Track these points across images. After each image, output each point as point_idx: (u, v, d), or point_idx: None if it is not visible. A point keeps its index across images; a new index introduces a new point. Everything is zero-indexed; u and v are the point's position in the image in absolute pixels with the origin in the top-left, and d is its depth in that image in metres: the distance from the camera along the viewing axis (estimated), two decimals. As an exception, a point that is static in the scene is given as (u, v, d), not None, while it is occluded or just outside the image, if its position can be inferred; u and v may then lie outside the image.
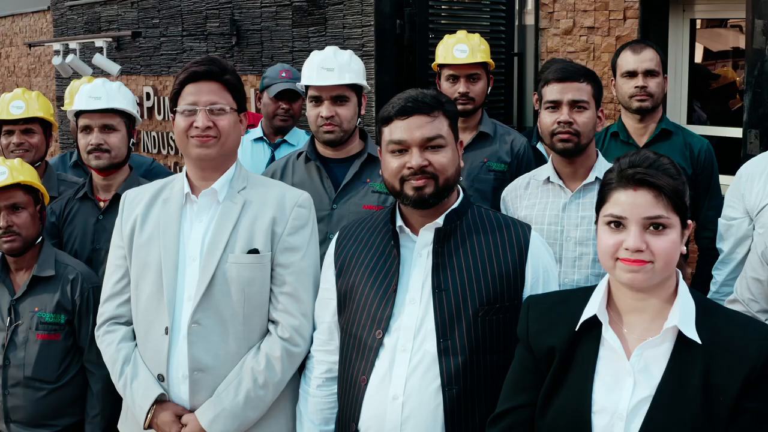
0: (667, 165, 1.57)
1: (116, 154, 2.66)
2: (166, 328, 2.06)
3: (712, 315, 1.59)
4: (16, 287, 2.47)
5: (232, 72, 2.22)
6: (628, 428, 1.53)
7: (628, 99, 2.97)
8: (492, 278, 1.93)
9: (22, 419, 2.44)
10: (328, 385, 2.07)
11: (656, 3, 4.20)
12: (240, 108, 2.21)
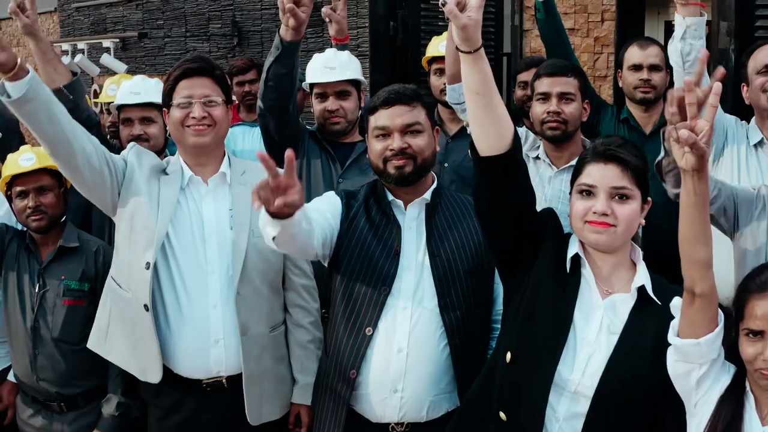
0: (632, 147, 1.86)
1: (155, 143, 3.01)
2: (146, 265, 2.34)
3: (662, 286, 1.88)
4: (43, 257, 2.74)
5: (219, 68, 2.53)
6: (592, 353, 1.82)
7: (633, 90, 3.20)
8: (472, 245, 2.25)
9: (50, 378, 2.69)
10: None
11: (632, 6, 4.50)
12: (228, 100, 2.50)
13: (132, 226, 2.40)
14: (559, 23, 3.31)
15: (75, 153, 2.27)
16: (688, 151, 1.55)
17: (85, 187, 2.38)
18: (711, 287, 1.65)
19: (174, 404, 2.51)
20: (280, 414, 2.55)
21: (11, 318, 2.73)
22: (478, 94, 1.80)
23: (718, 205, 2.19)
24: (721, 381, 1.72)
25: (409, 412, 2.21)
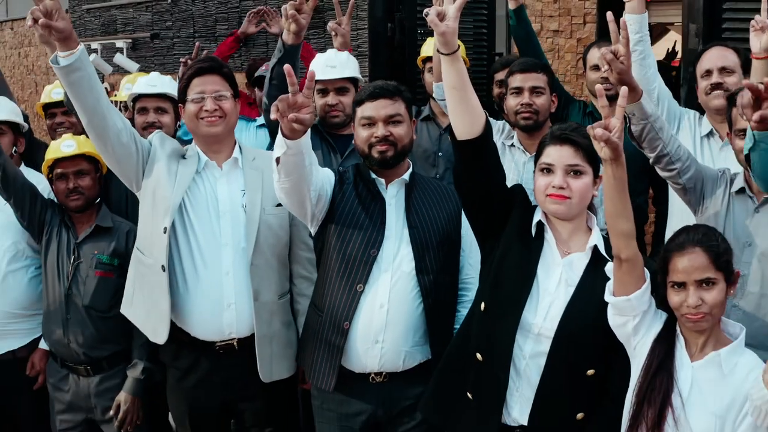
0: (584, 131, 2.20)
1: (166, 131, 3.32)
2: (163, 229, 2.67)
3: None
4: (79, 233, 3.08)
5: (227, 67, 2.89)
6: (552, 302, 2.17)
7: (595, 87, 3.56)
8: (443, 220, 2.62)
9: (79, 341, 3.02)
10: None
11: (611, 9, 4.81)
12: (235, 94, 2.83)
13: (154, 199, 2.73)
14: (529, 28, 3.67)
15: (108, 126, 2.61)
16: (604, 145, 1.91)
17: (114, 159, 2.71)
18: (634, 253, 1.99)
19: (190, 366, 2.84)
20: (288, 374, 2.87)
21: (48, 285, 3.07)
22: (455, 89, 2.15)
23: (689, 176, 2.50)
24: (654, 327, 2.06)
25: (387, 362, 2.56)
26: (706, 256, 1.95)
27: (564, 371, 2.15)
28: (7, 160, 3.04)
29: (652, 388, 1.99)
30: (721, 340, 2.01)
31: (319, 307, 2.67)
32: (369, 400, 2.64)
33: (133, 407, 3.04)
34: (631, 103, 2.32)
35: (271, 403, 2.90)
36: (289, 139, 2.30)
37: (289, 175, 2.42)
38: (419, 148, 3.78)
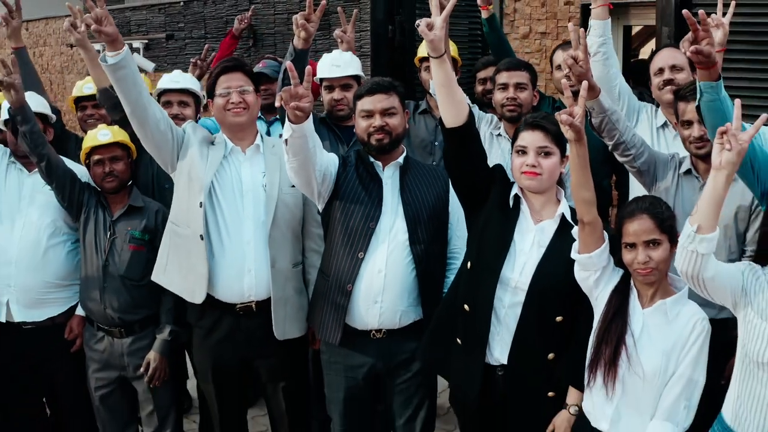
0: (553, 119, 2.58)
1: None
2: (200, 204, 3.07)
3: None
4: (114, 212, 3.46)
5: (248, 65, 3.31)
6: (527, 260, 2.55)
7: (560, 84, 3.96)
8: (432, 198, 3.01)
9: (114, 307, 3.39)
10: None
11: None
12: (256, 89, 3.23)
13: (189, 178, 3.13)
14: (500, 34, 4.10)
15: (148, 116, 3.01)
16: (569, 129, 2.29)
17: (153, 145, 3.12)
18: (595, 217, 2.37)
19: (213, 325, 3.23)
20: (300, 333, 3.26)
21: (87, 258, 3.45)
22: (442, 86, 2.55)
23: (643, 161, 2.90)
24: (612, 281, 2.44)
25: (386, 320, 2.95)
26: (652, 221, 2.33)
27: (537, 318, 2.54)
28: (51, 151, 3.42)
29: (609, 330, 2.38)
30: (667, 292, 2.39)
31: (326, 273, 3.05)
32: (370, 353, 3.03)
33: (161, 365, 3.42)
34: (590, 100, 2.71)
35: (284, 360, 3.29)
36: (294, 123, 2.71)
37: (296, 155, 2.82)
38: (417, 138, 4.17)
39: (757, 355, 2.15)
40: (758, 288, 2.18)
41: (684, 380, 2.33)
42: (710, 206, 2.12)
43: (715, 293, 2.22)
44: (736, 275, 2.21)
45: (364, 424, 3.22)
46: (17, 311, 3.51)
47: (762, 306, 2.16)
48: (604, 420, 2.42)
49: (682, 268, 2.18)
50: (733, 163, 2.12)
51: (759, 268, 2.22)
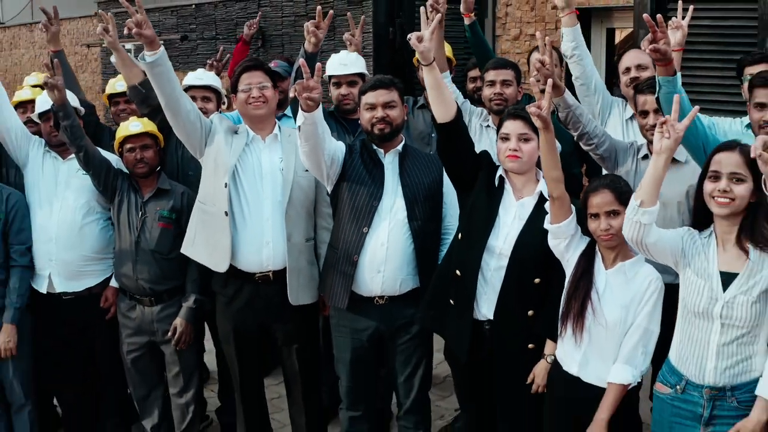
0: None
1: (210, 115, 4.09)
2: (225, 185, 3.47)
3: None
4: (144, 194, 3.88)
5: (267, 64, 3.72)
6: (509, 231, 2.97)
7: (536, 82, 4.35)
8: (428, 182, 3.42)
9: (145, 278, 3.81)
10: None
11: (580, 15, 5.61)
12: (274, 85, 3.64)
13: (215, 163, 3.54)
14: (482, 39, 4.51)
15: (180, 108, 3.44)
16: (536, 118, 2.71)
17: (184, 133, 3.54)
18: (563, 193, 2.78)
19: (235, 293, 3.65)
20: (311, 300, 3.67)
21: (121, 235, 3.86)
22: (432, 88, 2.98)
23: (604, 149, 3.31)
24: (580, 247, 2.85)
25: (387, 287, 3.36)
26: (612, 195, 2.74)
27: (518, 280, 2.96)
28: (88, 142, 3.82)
29: (577, 288, 2.79)
30: (627, 256, 2.81)
31: (335, 246, 3.47)
32: (373, 317, 3.44)
33: (186, 330, 3.84)
34: (556, 97, 3.13)
35: (298, 325, 3.70)
36: (306, 112, 3.13)
37: (308, 140, 3.24)
38: (416, 130, 4.58)
39: (694, 306, 2.56)
40: (695, 250, 2.59)
41: (641, 330, 2.74)
42: (651, 184, 2.53)
43: (657, 255, 2.63)
44: (676, 240, 2.62)
45: (369, 381, 3.63)
46: (58, 283, 3.93)
47: (698, 265, 2.57)
48: (574, 364, 2.83)
49: (627, 235, 2.60)
50: (671, 148, 2.53)
51: (696, 233, 2.63)
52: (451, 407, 4.60)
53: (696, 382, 2.58)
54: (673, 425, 2.66)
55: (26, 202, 3.96)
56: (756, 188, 2.45)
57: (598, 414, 2.76)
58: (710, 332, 2.54)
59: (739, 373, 2.53)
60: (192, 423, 4.05)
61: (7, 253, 3.87)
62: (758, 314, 2.47)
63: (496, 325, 3.03)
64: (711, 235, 2.59)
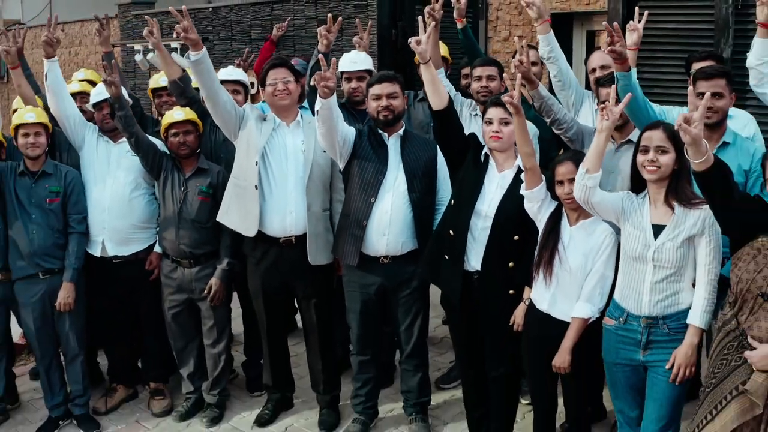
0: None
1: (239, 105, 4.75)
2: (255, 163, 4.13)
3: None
4: (186, 172, 4.54)
5: (290, 62, 4.36)
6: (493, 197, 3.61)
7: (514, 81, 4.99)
8: (424, 159, 4.08)
9: (186, 243, 4.47)
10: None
11: (563, 19, 6.30)
12: (297, 79, 4.30)
13: (247, 144, 4.20)
14: (472, 41, 5.13)
15: (219, 98, 4.10)
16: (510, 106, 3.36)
17: (222, 120, 4.20)
18: (534, 165, 3.43)
19: (262, 255, 4.31)
20: (326, 261, 4.33)
21: (166, 207, 4.52)
22: (429, 82, 3.65)
23: (572, 132, 3.97)
24: (549, 209, 3.51)
25: (391, 248, 4.03)
26: (574, 165, 3.39)
27: (500, 237, 3.62)
28: (138, 129, 4.48)
29: (547, 241, 3.45)
30: (587, 215, 3.45)
31: (347, 213, 4.13)
32: (379, 274, 4.11)
33: (220, 289, 4.51)
34: (531, 90, 3.78)
35: (315, 282, 4.37)
36: (323, 98, 3.80)
37: (324, 122, 3.90)
38: (416, 120, 5.23)
39: (632, 252, 3.22)
40: (633, 208, 3.25)
41: (598, 275, 3.40)
42: (595, 155, 3.20)
43: (601, 212, 3.29)
44: (617, 200, 3.28)
45: (375, 330, 4.31)
46: (110, 248, 4.61)
47: (635, 220, 3.22)
48: (545, 303, 3.50)
49: (577, 195, 3.26)
50: (609, 128, 3.19)
51: (634, 196, 3.29)
52: (447, 361, 5.27)
53: (635, 313, 3.24)
54: (618, 350, 3.32)
55: (81, 178, 4.63)
56: (678, 158, 3.11)
57: (564, 342, 3.42)
58: (645, 273, 3.19)
59: (669, 305, 3.19)
60: (223, 371, 4.73)
61: (66, 221, 4.54)
62: (682, 257, 3.13)
63: (482, 275, 3.69)
64: (645, 197, 3.25)
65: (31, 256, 4.45)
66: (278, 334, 4.57)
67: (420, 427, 4.34)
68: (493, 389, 3.88)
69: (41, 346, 4.62)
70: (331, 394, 4.59)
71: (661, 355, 3.22)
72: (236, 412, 4.83)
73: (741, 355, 2.95)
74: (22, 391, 5.25)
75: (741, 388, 2.94)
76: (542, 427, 3.74)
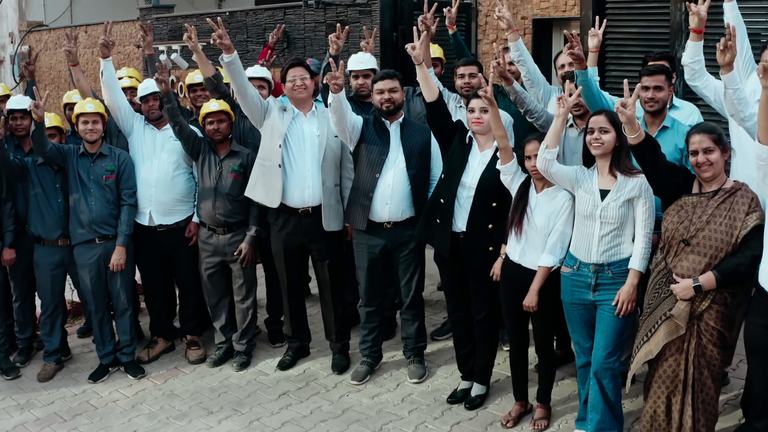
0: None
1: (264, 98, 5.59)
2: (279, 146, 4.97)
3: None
4: (220, 154, 5.39)
5: (305, 62, 5.19)
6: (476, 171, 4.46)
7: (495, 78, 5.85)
8: (420, 142, 4.93)
9: (221, 213, 5.32)
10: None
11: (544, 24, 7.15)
12: (311, 76, 5.14)
13: (272, 130, 5.06)
14: (461, 45, 5.94)
15: (247, 92, 4.97)
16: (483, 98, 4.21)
17: (249, 110, 5.05)
18: (506, 145, 4.25)
19: (284, 223, 5.17)
20: (338, 228, 5.18)
21: (204, 184, 5.37)
22: (422, 80, 4.50)
23: (543, 121, 4.80)
24: (521, 179, 4.34)
25: (393, 215, 4.89)
26: (538, 143, 4.22)
27: (481, 204, 4.46)
28: (182, 119, 5.33)
29: (518, 205, 4.29)
30: (550, 185, 4.29)
31: (356, 187, 4.99)
32: (382, 237, 4.97)
33: (248, 252, 5.37)
34: (507, 86, 4.63)
35: (328, 246, 5.24)
36: (334, 93, 4.64)
37: (335, 112, 4.75)
38: (414, 111, 6.07)
39: (583, 211, 4.06)
40: (584, 178, 4.09)
41: (559, 232, 4.24)
42: (553, 134, 4.04)
43: (559, 180, 4.13)
44: (572, 172, 4.12)
45: (380, 285, 5.16)
46: (156, 218, 5.48)
47: (586, 186, 4.05)
48: (516, 254, 4.34)
49: (538, 166, 4.11)
50: (564, 114, 4.04)
51: (585, 168, 4.13)
52: (440, 319, 6.12)
53: (586, 261, 4.07)
54: (573, 292, 4.15)
55: (132, 160, 5.48)
56: (617, 136, 3.95)
57: (531, 286, 4.26)
58: (594, 228, 4.03)
59: (613, 254, 4.03)
60: (250, 323, 5.59)
61: (119, 195, 5.39)
62: (623, 215, 3.97)
63: (467, 235, 4.54)
64: (594, 169, 4.10)
65: (90, 224, 5.32)
66: (297, 290, 5.42)
67: (417, 367, 5.20)
68: (477, 330, 4.73)
69: (96, 302, 5.48)
70: (342, 342, 5.45)
71: (607, 294, 4.05)
72: (261, 359, 5.69)
73: (668, 289, 3.80)
74: (72, 347, 6.11)
75: (668, 314, 3.80)
76: (516, 360, 4.60)
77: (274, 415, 4.92)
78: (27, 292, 5.71)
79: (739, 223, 3.68)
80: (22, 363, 5.82)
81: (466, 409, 4.80)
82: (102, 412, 5.16)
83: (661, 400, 3.91)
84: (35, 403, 5.35)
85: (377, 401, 5.00)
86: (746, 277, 3.74)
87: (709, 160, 3.75)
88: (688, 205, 3.79)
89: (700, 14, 4.24)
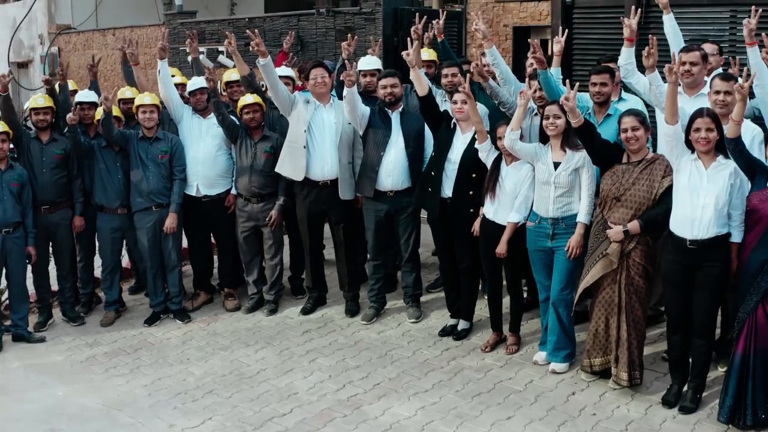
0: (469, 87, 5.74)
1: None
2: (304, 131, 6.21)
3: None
4: (255, 138, 6.61)
5: (325, 63, 6.43)
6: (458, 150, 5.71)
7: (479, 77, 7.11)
8: (416, 126, 6.18)
9: (256, 185, 6.53)
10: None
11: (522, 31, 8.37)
12: (329, 74, 6.38)
13: (298, 118, 6.30)
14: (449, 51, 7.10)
15: (278, 88, 6.22)
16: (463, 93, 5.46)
17: (279, 102, 6.30)
18: (482, 128, 5.48)
19: (307, 193, 6.41)
20: (351, 197, 6.42)
21: (242, 162, 6.58)
22: (415, 79, 5.76)
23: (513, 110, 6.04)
24: (494, 155, 5.56)
25: (395, 185, 6.13)
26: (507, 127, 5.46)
27: (464, 175, 5.70)
28: (225, 111, 6.54)
29: (492, 175, 5.51)
30: (516, 159, 5.50)
31: (365, 163, 6.23)
32: (386, 203, 6.21)
33: (278, 218, 6.60)
34: (484, 83, 5.87)
35: (343, 212, 6.48)
36: (348, 88, 5.88)
37: (348, 103, 6.00)
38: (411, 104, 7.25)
39: (541, 178, 5.28)
40: (542, 153, 5.31)
41: (523, 196, 5.45)
42: (516, 120, 5.27)
43: (522, 155, 5.35)
44: (531, 148, 5.35)
45: (384, 243, 6.41)
46: (202, 189, 6.73)
47: (543, 159, 5.27)
48: (491, 213, 5.56)
49: (506, 145, 5.34)
50: (524, 105, 5.26)
51: (542, 145, 5.35)
52: (434, 277, 7.36)
53: (545, 216, 5.31)
54: (536, 241, 5.38)
55: (181, 142, 6.72)
56: (567, 121, 5.18)
57: (502, 239, 5.49)
58: (550, 191, 5.26)
59: (565, 211, 5.25)
60: (278, 278, 6.83)
61: (172, 171, 6.63)
62: (572, 181, 5.20)
63: (453, 200, 5.78)
64: (548, 145, 5.33)
65: (148, 195, 6.55)
66: (317, 250, 6.68)
67: (415, 310, 6.45)
68: (462, 277, 5.97)
69: (151, 259, 6.71)
70: (353, 292, 6.70)
71: (562, 241, 5.28)
72: (286, 308, 6.93)
73: (605, 234, 5.04)
74: (126, 301, 7.34)
75: (604, 252, 5.03)
76: (492, 300, 5.83)
77: (299, 346, 6.15)
78: (90, 254, 6.94)
79: (657, 184, 4.91)
80: (84, 314, 7.02)
81: (453, 339, 6.05)
82: (159, 347, 6.36)
83: (601, 320, 5.14)
84: (101, 341, 6.54)
85: (383, 335, 6.25)
86: (662, 224, 4.97)
87: (636, 136, 4.97)
88: (619, 171, 5.02)
89: (631, 27, 5.46)
